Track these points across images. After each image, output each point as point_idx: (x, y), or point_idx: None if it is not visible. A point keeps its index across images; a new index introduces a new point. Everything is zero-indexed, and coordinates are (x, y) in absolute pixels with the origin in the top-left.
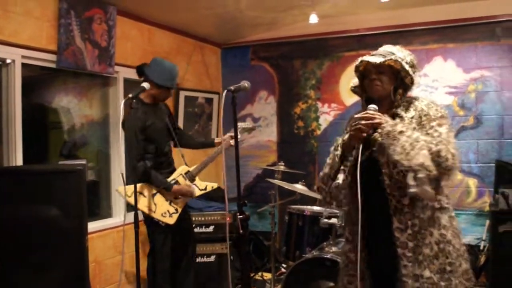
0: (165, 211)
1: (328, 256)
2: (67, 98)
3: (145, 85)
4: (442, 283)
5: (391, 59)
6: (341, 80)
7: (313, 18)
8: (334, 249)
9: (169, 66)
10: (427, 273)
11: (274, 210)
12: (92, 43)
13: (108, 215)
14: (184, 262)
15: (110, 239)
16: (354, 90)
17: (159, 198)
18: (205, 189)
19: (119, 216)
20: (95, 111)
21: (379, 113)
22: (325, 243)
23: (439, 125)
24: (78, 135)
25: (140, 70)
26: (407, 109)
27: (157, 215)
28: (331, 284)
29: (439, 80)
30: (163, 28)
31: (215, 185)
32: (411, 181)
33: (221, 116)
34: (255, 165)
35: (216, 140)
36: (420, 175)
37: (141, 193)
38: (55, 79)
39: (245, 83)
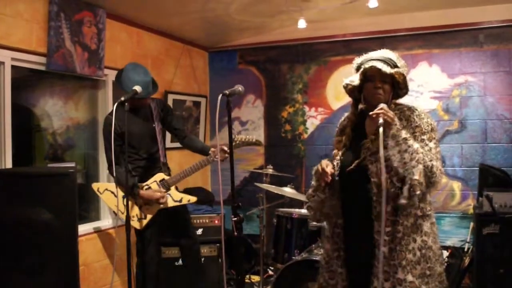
0: (133, 215)
1: (317, 258)
2: (54, 100)
3: (137, 88)
4: (423, 287)
5: (398, 72)
6: (328, 84)
7: (302, 23)
8: (323, 251)
9: (133, 74)
10: (409, 277)
11: (262, 213)
12: (82, 46)
13: (96, 218)
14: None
15: (99, 242)
16: (347, 88)
17: (129, 201)
18: (180, 201)
19: (107, 219)
20: (82, 114)
21: (392, 113)
22: (313, 245)
23: (430, 139)
24: (64, 138)
25: (116, 77)
26: (399, 119)
27: (124, 217)
28: None
29: (424, 85)
30: (152, 32)
31: (193, 199)
32: (406, 193)
33: (217, 120)
34: (242, 168)
35: (211, 150)
36: (417, 191)
37: (113, 193)
38: (42, 81)
39: (239, 87)
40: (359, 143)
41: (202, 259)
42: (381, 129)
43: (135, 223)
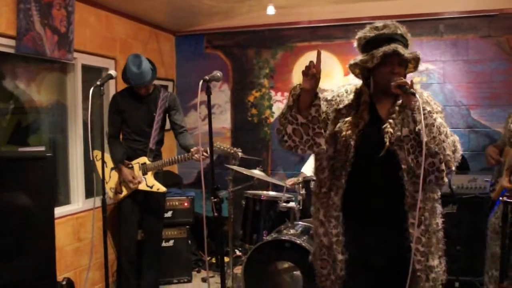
0: (114, 187)
1: (287, 238)
2: (18, 83)
3: (112, 72)
4: (442, 267)
5: (417, 57)
6: (294, 69)
7: (271, 10)
8: (292, 231)
9: (129, 66)
10: (436, 262)
11: (232, 196)
12: (52, 29)
13: (67, 202)
14: (149, 248)
15: (69, 226)
16: (354, 67)
17: (114, 174)
18: (151, 187)
19: (77, 203)
20: (50, 97)
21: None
22: (282, 226)
23: (441, 118)
24: (29, 122)
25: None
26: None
27: (107, 187)
28: (291, 264)
29: None
30: (120, 15)
31: (162, 189)
32: (445, 169)
33: (198, 104)
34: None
35: (192, 149)
36: (453, 167)
37: (106, 163)
38: (6, 63)
39: (218, 73)
40: (374, 127)
41: (172, 241)
42: (419, 100)
43: (111, 194)
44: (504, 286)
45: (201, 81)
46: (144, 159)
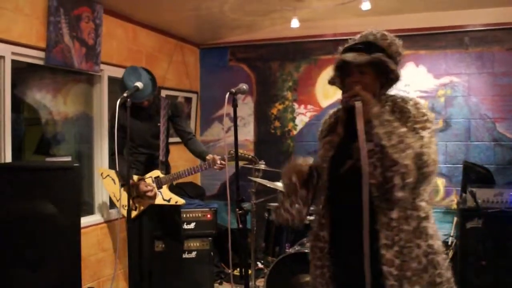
0: (125, 204)
1: (309, 251)
2: (46, 94)
3: (139, 84)
4: None
5: (377, 57)
6: (318, 82)
7: (295, 23)
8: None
9: (127, 80)
10: None
11: (255, 208)
12: (80, 41)
13: (91, 212)
14: (170, 260)
15: (94, 236)
16: (332, 83)
17: (125, 192)
18: (169, 201)
19: (101, 214)
20: (76, 108)
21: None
22: (305, 239)
23: (423, 128)
24: (55, 132)
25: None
26: (392, 111)
27: (119, 205)
28: None
29: (411, 85)
30: (147, 28)
31: (181, 201)
32: (399, 181)
33: (225, 116)
34: (231, 164)
35: (207, 156)
36: (409, 179)
37: (114, 180)
38: (34, 75)
39: (244, 86)
40: (349, 143)
41: (194, 252)
42: (358, 104)
43: (125, 212)
44: None
45: (228, 93)
46: (157, 173)
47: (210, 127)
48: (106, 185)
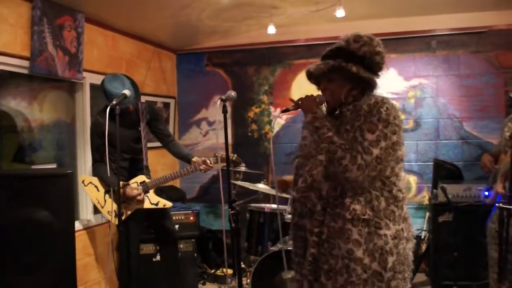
0: (111, 210)
1: (292, 248)
2: (25, 102)
3: (126, 92)
4: None
5: (334, 65)
6: (293, 86)
7: (271, 29)
8: None
9: (110, 88)
10: (329, 286)
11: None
12: (63, 50)
13: (76, 217)
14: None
15: (79, 242)
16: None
17: (109, 197)
18: (157, 204)
19: (86, 219)
20: (55, 116)
21: (313, 102)
22: (287, 237)
23: (370, 130)
24: (34, 140)
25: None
26: (353, 110)
27: (104, 211)
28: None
29: (382, 87)
30: (126, 35)
31: (169, 205)
32: (299, 184)
33: (219, 123)
34: (218, 166)
35: (193, 159)
36: (302, 184)
37: (96, 187)
38: (12, 82)
39: (232, 93)
40: None
41: (179, 254)
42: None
43: (112, 218)
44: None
45: (219, 100)
46: (142, 177)
47: (188, 131)
48: (89, 192)
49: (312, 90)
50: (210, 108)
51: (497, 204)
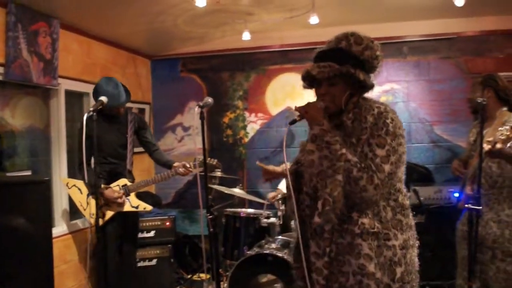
0: (93, 212)
1: (269, 251)
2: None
3: (103, 98)
4: None
5: (343, 70)
6: (267, 91)
7: (246, 36)
8: (273, 245)
9: (106, 87)
10: None
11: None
12: (38, 56)
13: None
14: (125, 269)
15: (55, 248)
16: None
17: (92, 199)
18: (137, 207)
19: (61, 226)
20: (28, 122)
21: (319, 112)
22: (263, 241)
23: (379, 144)
24: (5, 147)
25: (93, 92)
26: (355, 118)
27: (86, 214)
28: (272, 277)
29: None
30: (100, 41)
31: (149, 208)
32: (319, 208)
33: (195, 128)
34: (197, 170)
35: (174, 164)
36: (327, 207)
37: (80, 189)
38: None
39: (209, 99)
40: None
41: (155, 260)
42: (284, 133)
43: (92, 220)
44: (472, 285)
45: (196, 107)
46: (124, 181)
47: (163, 137)
48: (72, 195)
49: (287, 96)
50: (185, 114)
51: (465, 205)
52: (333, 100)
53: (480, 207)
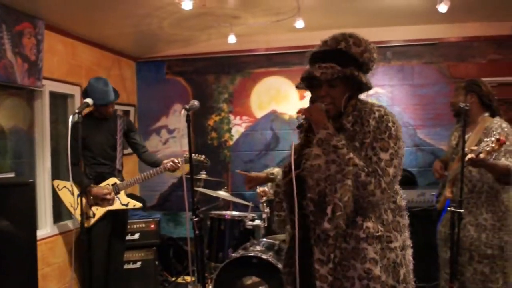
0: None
1: (253, 254)
2: None
3: (89, 100)
4: None
5: (347, 73)
6: (252, 94)
7: (232, 39)
8: (258, 248)
9: (96, 85)
10: None
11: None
12: (22, 57)
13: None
14: (112, 268)
15: (38, 251)
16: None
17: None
18: (127, 205)
19: (45, 228)
20: (11, 124)
21: (323, 115)
22: (248, 243)
23: (383, 148)
24: None
25: (83, 92)
26: (355, 122)
27: (76, 214)
28: (257, 279)
29: None
30: (85, 43)
31: (138, 205)
32: (329, 214)
33: (180, 131)
34: (170, 174)
35: (164, 161)
36: (338, 212)
37: (70, 190)
38: None
39: (195, 102)
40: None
41: (139, 262)
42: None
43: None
44: (454, 286)
45: (183, 110)
46: (113, 180)
47: (148, 139)
48: (63, 197)
49: (272, 99)
50: (170, 116)
51: (448, 208)
52: (333, 102)
53: (462, 210)
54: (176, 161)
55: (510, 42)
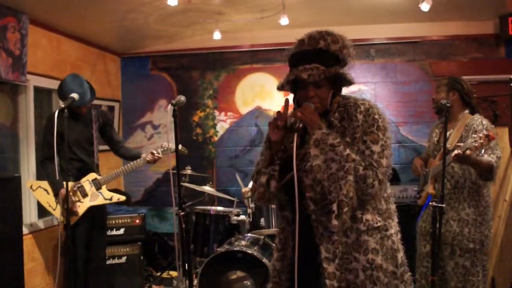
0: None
1: (238, 248)
2: None
3: (75, 95)
4: None
5: (332, 72)
6: (237, 90)
7: (217, 35)
8: (243, 242)
9: (71, 86)
10: None
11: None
12: (6, 52)
13: None
14: (95, 264)
15: (23, 246)
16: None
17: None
18: (111, 199)
19: (30, 224)
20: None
21: (315, 115)
22: (233, 238)
23: (373, 141)
24: None
25: (58, 89)
26: (342, 118)
27: (56, 213)
28: (242, 274)
29: None
30: (70, 38)
31: (122, 198)
32: (336, 211)
33: (169, 128)
34: (155, 170)
35: (143, 155)
36: (345, 209)
37: (46, 190)
38: None
39: (182, 97)
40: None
41: (124, 257)
42: (295, 142)
43: (63, 219)
44: (434, 278)
45: (169, 105)
46: (93, 175)
47: (132, 135)
48: (39, 197)
49: (256, 95)
50: (155, 112)
51: (430, 203)
52: (321, 102)
53: (444, 205)
54: (155, 152)
55: (491, 41)
